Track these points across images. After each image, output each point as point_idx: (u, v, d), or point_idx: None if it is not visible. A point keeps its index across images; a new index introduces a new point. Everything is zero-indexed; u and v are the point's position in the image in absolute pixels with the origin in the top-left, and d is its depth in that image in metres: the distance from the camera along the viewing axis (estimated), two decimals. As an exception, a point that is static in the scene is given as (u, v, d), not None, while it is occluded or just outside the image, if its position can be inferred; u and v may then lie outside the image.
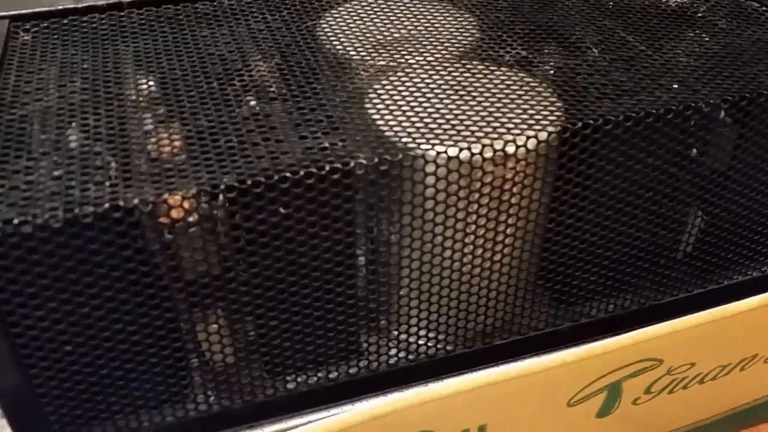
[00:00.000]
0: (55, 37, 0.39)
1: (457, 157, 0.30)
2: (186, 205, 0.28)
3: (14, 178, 0.28)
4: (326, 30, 0.40)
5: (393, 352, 0.36)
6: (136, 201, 0.27)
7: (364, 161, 0.29)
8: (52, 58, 0.37)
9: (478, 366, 0.37)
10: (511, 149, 0.30)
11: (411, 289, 0.34)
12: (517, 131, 0.31)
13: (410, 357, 0.36)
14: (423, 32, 0.40)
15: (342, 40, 0.39)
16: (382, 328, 0.36)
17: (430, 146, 0.30)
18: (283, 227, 0.29)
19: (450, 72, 0.36)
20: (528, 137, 0.31)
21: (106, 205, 0.27)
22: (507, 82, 0.35)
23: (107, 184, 0.28)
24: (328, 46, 0.38)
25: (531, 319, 0.37)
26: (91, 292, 0.28)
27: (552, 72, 0.37)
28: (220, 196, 0.28)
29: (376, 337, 0.36)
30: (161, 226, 0.28)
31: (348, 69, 0.36)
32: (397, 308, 0.35)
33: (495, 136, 0.31)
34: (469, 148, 0.30)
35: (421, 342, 0.36)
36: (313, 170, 0.28)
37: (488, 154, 0.30)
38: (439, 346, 0.36)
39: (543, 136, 0.31)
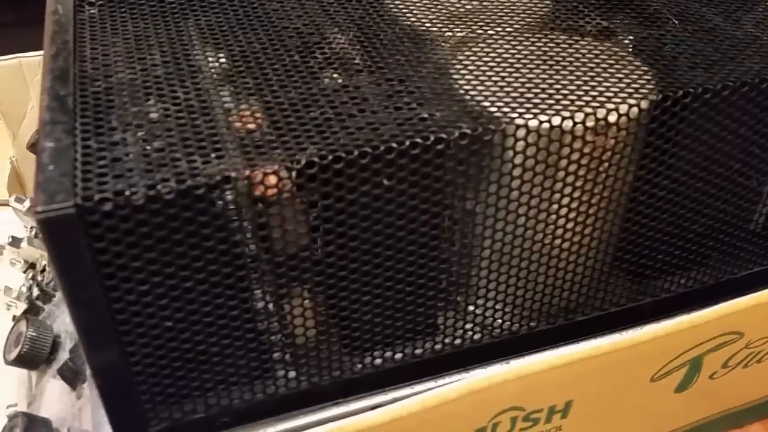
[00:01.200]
0: (122, 10, 0.38)
1: (560, 126, 0.29)
2: (283, 177, 0.28)
3: (116, 150, 0.27)
4: (397, 3, 0.39)
5: (473, 328, 0.36)
6: (247, 172, 0.26)
7: (468, 131, 0.28)
8: (123, 31, 0.36)
9: (560, 343, 0.37)
10: (613, 118, 0.30)
11: (494, 264, 0.34)
12: (618, 100, 0.30)
13: (494, 333, 0.36)
14: (496, 3, 0.39)
15: (415, 12, 0.38)
16: (461, 304, 0.36)
17: (531, 115, 0.29)
18: (383, 200, 0.29)
19: (533, 42, 0.35)
20: (630, 105, 0.30)
21: (218, 177, 0.26)
22: (594, 52, 0.34)
23: (213, 156, 0.27)
24: (402, 19, 0.38)
25: (613, 294, 0.37)
26: (194, 266, 0.27)
27: (632, 42, 0.36)
28: (317, 168, 0.28)
29: (456, 313, 0.35)
30: (263, 199, 0.28)
31: (427, 41, 0.36)
32: (482, 284, 0.34)
33: (596, 104, 0.30)
34: (571, 117, 0.29)
35: (502, 318, 0.36)
36: (419, 140, 0.28)
37: (590, 122, 0.30)
38: (522, 322, 0.36)
39: (645, 104, 0.30)
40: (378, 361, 0.34)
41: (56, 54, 0.33)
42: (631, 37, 0.37)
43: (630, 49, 0.35)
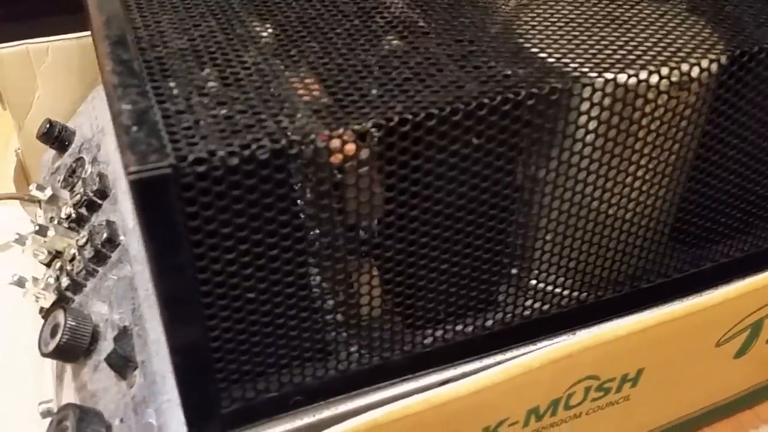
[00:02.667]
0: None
1: (646, 81, 0.29)
2: (365, 142, 0.27)
3: (194, 113, 0.26)
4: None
5: (542, 299, 0.35)
6: (341, 130, 0.25)
7: (558, 86, 0.28)
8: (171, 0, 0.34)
9: (626, 312, 0.36)
10: (695, 72, 0.29)
11: (566, 231, 0.33)
12: (697, 55, 0.30)
13: (561, 303, 0.35)
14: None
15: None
16: (529, 274, 0.35)
17: (613, 72, 0.29)
18: (468, 160, 0.28)
19: (594, 3, 0.34)
20: (711, 60, 0.30)
21: (312, 136, 0.25)
22: (657, 12, 0.34)
23: (299, 115, 0.26)
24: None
25: (677, 260, 0.36)
26: (281, 233, 0.26)
27: (689, 4, 0.36)
28: (409, 126, 0.27)
29: (525, 284, 0.35)
30: (346, 161, 0.27)
31: (488, 3, 0.35)
32: (553, 251, 0.33)
33: (677, 59, 0.29)
34: (657, 71, 0.29)
35: (570, 288, 0.35)
36: (510, 96, 0.27)
37: (674, 77, 0.29)
38: (589, 291, 0.35)
39: (724, 59, 0.30)
40: (448, 334, 0.33)
41: (108, 21, 0.31)
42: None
43: (690, 10, 0.35)
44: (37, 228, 0.43)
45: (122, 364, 0.35)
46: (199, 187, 0.24)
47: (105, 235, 0.42)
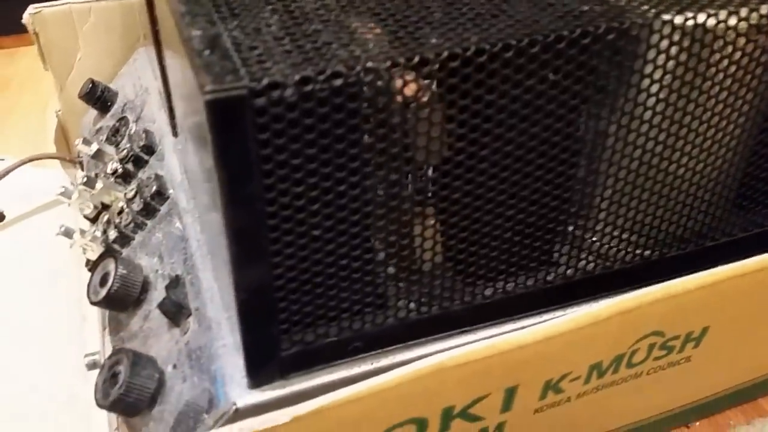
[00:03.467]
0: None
1: (725, 22, 0.28)
2: (431, 72, 0.26)
3: (263, 40, 0.25)
4: None
5: (606, 253, 0.34)
6: (416, 58, 0.24)
7: (639, 21, 0.27)
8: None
9: (690, 270, 0.35)
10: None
11: (633, 183, 0.32)
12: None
13: (626, 259, 0.34)
14: None
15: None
16: (592, 228, 0.34)
17: (690, 12, 0.28)
18: (534, 98, 0.27)
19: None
20: (795, 1, 0.28)
21: (387, 63, 0.24)
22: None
23: (371, 45, 0.25)
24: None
25: (744, 219, 0.35)
26: (350, 167, 0.25)
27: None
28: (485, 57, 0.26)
29: (588, 238, 0.34)
30: (414, 95, 0.26)
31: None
32: (619, 205, 0.32)
33: (756, 2, 0.28)
34: (737, 13, 0.28)
35: (636, 243, 0.34)
36: (590, 29, 0.26)
37: (753, 20, 0.28)
38: (654, 247, 0.34)
39: (808, 0, 0.29)
40: (509, 286, 0.32)
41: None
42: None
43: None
44: (85, 179, 0.42)
45: (176, 311, 0.34)
46: (272, 113, 0.23)
47: (154, 188, 0.41)
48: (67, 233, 0.42)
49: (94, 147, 0.46)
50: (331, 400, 0.26)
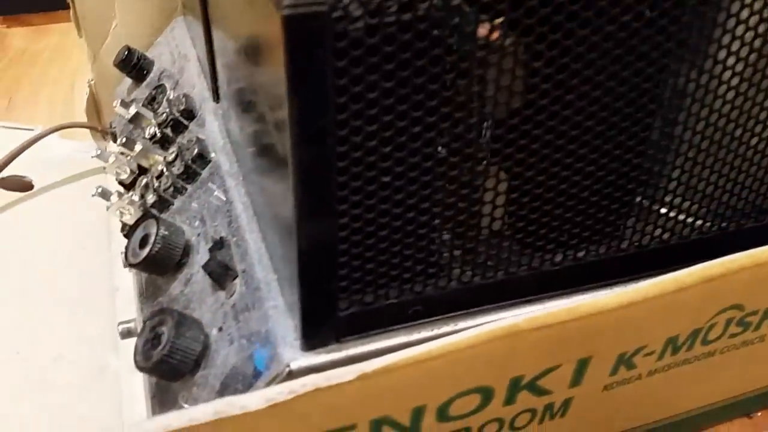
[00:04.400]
0: None
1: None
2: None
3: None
4: None
5: (682, 222, 0.32)
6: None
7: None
8: None
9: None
10: None
11: (711, 148, 0.30)
12: None
13: (703, 229, 0.32)
14: None
15: None
16: (669, 195, 0.32)
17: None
18: (627, 37, 0.25)
19: None
20: None
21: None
22: None
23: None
24: None
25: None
26: (427, 106, 0.24)
27: None
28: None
29: (664, 206, 0.32)
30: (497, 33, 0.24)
31: None
32: (698, 172, 0.30)
33: None
34: None
35: (714, 213, 0.32)
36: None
37: None
38: (732, 218, 0.32)
39: None
40: (580, 252, 0.30)
41: None
42: None
43: None
44: (124, 140, 0.41)
45: (222, 272, 0.32)
46: (352, 36, 0.21)
47: (196, 151, 0.39)
48: (104, 194, 0.40)
49: (133, 110, 0.44)
50: (401, 358, 0.24)
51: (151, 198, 0.40)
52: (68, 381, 0.39)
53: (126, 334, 0.39)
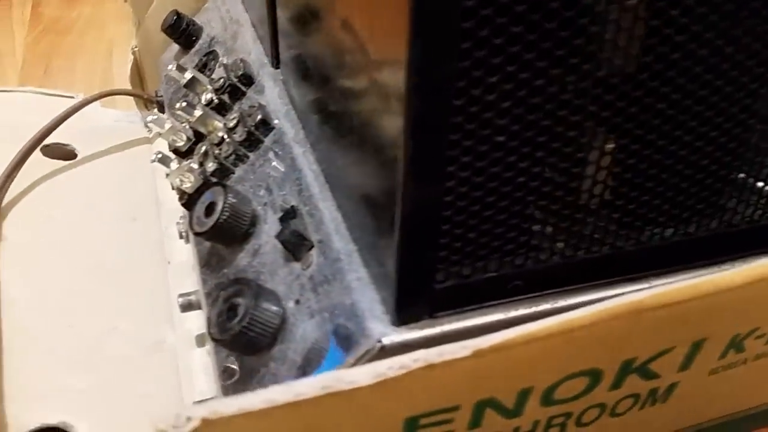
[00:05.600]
0: None
1: None
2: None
3: None
4: None
5: None
6: None
7: None
8: None
9: None
10: None
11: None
12: None
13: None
14: None
15: None
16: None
17: None
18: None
19: None
20: None
21: None
22: None
23: None
24: None
25: None
26: (556, 54, 0.21)
27: None
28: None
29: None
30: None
31: None
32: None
33: None
34: None
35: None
36: None
37: None
38: None
39: None
40: (692, 227, 0.28)
41: None
42: None
43: None
44: (184, 104, 0.39)
45: (297, 242, 0.30)
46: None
47: (259, 117, 0.37)
48: (164, 161, 0.38)
49: (189, 74, 0.42)
50: (518, 335, 0.22)
51: (211, 166, 0.38)
52: (123, 354, 0.38)
53: (187, 306, 0.37)
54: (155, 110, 0.55)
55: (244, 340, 0.28)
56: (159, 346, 0.38)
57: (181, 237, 0.42)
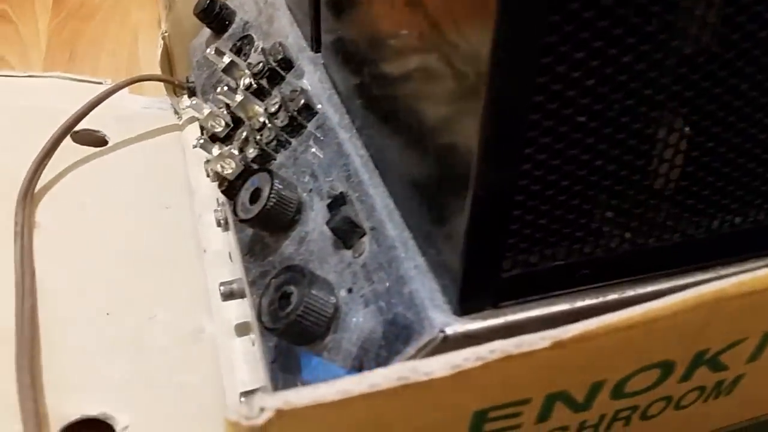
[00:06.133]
0: None
1: None
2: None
3: None
4: None
5: None
6: None
7: None
8: None
9: None
10: None
11: None
12: None
13: None
14: None
15: None
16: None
17: None
18: None
19: None
20: None
21: None
22: None
23: None
24: None
25: None
26: (647, 30, 0.20)
27: None
28: None
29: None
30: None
31: None
32: None
33: None
34: None
35: None
36: None
37: None
38: None
39: None
40: (762, 214, 0.27)
41: None
42: None
43: None
44: (225, 89, 0.38)
45: (348, 229, 0.29)
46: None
47: (302, 102, 0.36)
48: (205, 146, 0.37)
49: (227, 58, 0.41)
50: (598, 326, 0.21)
51: (252, 152, 0.37)
52: (162, 344, 0.37)
53: (228, 295, 0.37)
54: (185, 96, 0.54)
55: (298, 329, 0.27)
56: (198, 336, 0.38)
57: (218, 225, 0.41)
